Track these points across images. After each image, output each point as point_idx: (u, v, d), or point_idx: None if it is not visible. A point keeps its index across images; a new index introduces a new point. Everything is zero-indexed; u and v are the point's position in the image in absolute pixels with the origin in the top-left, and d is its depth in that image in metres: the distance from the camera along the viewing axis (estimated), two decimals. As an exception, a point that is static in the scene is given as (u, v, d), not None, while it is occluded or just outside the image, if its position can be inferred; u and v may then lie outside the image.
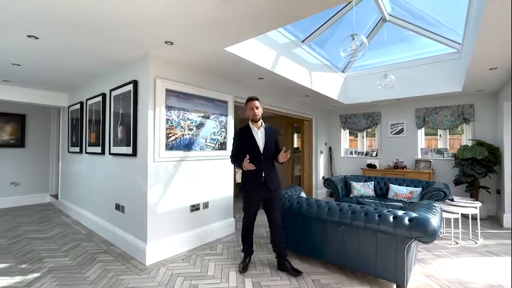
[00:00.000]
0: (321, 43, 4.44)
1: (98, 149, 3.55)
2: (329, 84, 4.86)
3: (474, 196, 4.38)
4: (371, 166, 5.82)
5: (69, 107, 4.61)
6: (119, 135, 3.13)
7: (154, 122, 2.75)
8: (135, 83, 2.86)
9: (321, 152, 6.44)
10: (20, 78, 3.69)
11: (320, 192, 6.31)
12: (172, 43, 2.46)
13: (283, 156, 2.43)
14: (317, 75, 4.42)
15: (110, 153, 3.30)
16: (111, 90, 3.28)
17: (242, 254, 2.65)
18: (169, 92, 2.87)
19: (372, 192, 4.44)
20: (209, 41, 2.43)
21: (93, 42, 2.46)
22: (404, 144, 5.60)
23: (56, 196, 5.21)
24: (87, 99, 3.91)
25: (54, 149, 5.63)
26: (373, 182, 4.58)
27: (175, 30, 2.21)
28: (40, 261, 2.69)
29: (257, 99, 2.52)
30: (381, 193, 4.46)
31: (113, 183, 3.29)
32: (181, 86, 3.00)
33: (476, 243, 3.25)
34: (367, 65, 5.22)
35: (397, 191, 4.17)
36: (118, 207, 3.15)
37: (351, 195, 4.41)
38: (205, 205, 3.29)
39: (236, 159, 2.54)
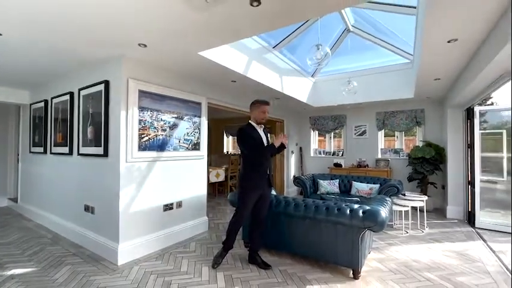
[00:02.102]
0: (292, 49, 4.69)
1: (65, 149, 3.44)
2: (299, 88, 5.14)
3: (424, 191, 4.93)
4: (337, 165, 6.23)
5: (31, 104, 4.35)
6: (89, 135, 3.07)
7: (126, 122, 2.76)
8: (106, 83, 2.85)
9: (292, 152, 6.74)
10: (-25, 74, 3.45)
11: (291, 191, 6.61)
12: (145, 45, 2.51)
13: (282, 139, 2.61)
14: (288, 80, 4.66)
15: (79, 154, 3.22)
16: (79, 90, 3.20)
17: (221, 250, 2.67)
18: (142, 93, 2.90)
19: (337, 189, 4.80)
20: (183, 45, 2.52)
21: (61, 41, 2.42)
22: (367, 144, 6.09)
23: (15, 200, 4.88)
24: (52, 98, 3.75)
25: (12, 149, 5.26)
26: (338, 180, 4.95)
27: (149, 34, 2.27)
28: (1, 267, 2.58)
29: (269, 104, 2.68)
30: (345, 190, 4.84)
31: (81, 184, 3.22)
32: (155, 87, 3.04)
33: (423, 232, 3.71)
34: (335, 71, 5.59)
35: (359, 187, 4.56)
36: (87, 208, 3.10)
37: (318, 192, 4.73)
38: (179, 204, 3.35)
39: (264, 147, 2.58)
